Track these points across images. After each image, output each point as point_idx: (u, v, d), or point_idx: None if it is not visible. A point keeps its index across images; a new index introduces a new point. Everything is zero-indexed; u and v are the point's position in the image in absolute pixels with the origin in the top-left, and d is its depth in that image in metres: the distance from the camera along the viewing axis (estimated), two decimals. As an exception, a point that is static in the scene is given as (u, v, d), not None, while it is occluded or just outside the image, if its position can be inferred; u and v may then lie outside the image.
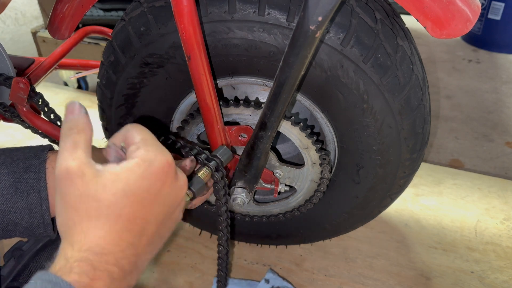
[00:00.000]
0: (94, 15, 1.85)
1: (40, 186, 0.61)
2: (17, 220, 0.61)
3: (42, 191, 0.62)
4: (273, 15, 0.68)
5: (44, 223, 0.63)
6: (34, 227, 0.63)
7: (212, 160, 0.67)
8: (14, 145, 1.46)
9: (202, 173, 0.65)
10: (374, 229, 1.15)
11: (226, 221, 0.76)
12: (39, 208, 0.62)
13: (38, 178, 0.61)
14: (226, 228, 0.77)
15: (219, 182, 0.68)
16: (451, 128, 1.83)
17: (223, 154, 0.69)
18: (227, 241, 0.79)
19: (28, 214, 0.62)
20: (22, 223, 0.62)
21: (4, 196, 0.60)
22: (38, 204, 0.62)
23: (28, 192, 0.61)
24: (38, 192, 0.61)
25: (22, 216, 0.62)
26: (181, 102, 0.83)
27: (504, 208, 1.22)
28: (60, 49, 1.16)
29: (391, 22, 0.71)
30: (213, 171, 0.67)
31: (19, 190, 0.61)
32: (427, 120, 0.79)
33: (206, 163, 0.67)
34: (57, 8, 0.81)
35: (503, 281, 1.01)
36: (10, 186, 0.60)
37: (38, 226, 0.63)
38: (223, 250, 0.80)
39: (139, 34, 0.74)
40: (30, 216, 0.62)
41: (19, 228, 0.62)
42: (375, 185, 0.85)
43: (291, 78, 0.63)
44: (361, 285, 1.00)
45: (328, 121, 0.79)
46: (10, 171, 0.61)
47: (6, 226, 0.62)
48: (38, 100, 0.91)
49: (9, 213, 0.61)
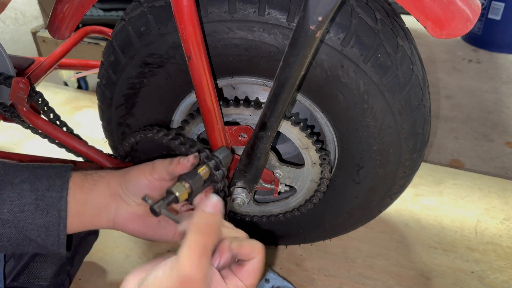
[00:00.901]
0: (94, 15, 1.85)
1: (61, 205, 0.62)
2: (33, 237, 0.62)
3: (62, 210, 0.62)
4: (273, 15, 0.68)
5: (59, 242, 0.64)
6: (48, 244, 0.64)
7: (212, 159, 0.67)
8: (14, 145, 1.47)
9: (201, 170, 0.65)
10: (374, 229, 1.15)
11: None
12: (56, 227, 0.63)
13: (60, 197, 0.62)
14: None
15: (220, 182, 0.68)
16: (451, 128, 1.83)
17: (221, 153, 0.70)
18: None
19: (45, 232, 0.62)
20: (37, 240, 0.63)
21: (24, 212, 0.61)
22: (56, 223, 0.62)
23: (48, 210, 0.62)
24: (58, 211, 0.62)
25: (39, 234, 0.62)
26: (181, 102, 0.83)
27: (504, 208, 1.22)
28: (60, 49, 1.16)
29: (391, 22, 0.71)
30: (212, 169, 0.67)
31: (39, 207, 0.62)
32: (427, 120, 0.79)
33: (205, 161, 0.67)
34: (57, 8, 0.81)
35: (503, 281, 1.01)
36: (31, 203, 0.61)
37: (52, 244, 0.64)
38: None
39: (139, 34, 0.74)
40: (46, 234, 0.63)
41: (33, 244, 0.63)
42: (375, 185, 0.85)
43: (291, 78, 0.63)
44: (361, 285, 1.00)
45: (328, 121, 0.79)
46: (33, 188, 0.62)
47: (22, 241, 0.62)
48: (38, 99, 0.91)
49: (26, 230, 0.62)
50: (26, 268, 0.92)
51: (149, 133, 0.79)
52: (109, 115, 0.88)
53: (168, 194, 0.61)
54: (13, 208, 0.60)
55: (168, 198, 0.61)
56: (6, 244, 0.61)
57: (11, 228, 0.60)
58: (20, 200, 0.61)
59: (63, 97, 1.78)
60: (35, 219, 0.61)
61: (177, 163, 0.65)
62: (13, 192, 0.61)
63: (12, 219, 0.60)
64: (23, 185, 0.62)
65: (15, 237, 0.61)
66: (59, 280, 0.93)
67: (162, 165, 0.66)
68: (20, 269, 0.92)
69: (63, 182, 0.63)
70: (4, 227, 0.60)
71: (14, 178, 0.62)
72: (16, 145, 1.48)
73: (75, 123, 1.59)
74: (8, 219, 0.60)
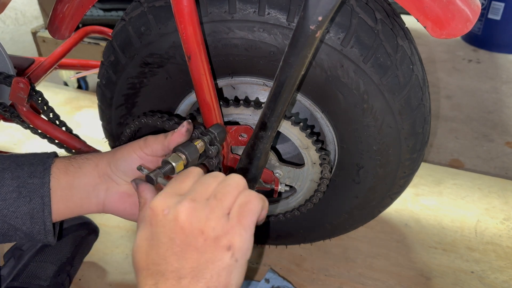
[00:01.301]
0: (94, 15, 1.85)
1: (44, 191, 0.61)
2: (18, 225, 0.61)
3: (45, 196, 0.61)
4: (273, 15, 0.68)
5: (45, 229, 0.62)
6: (35, 233, 0.62)
7: (206, 134, 0.68)
8: (14, 145, 1.47)
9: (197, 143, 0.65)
10: (374, 229, 1.15)
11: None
12: (41, 214, 0.61)
13: (42, 183, 0.61)
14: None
15: (214, 158, 0.68)
16: (451, 128, 1.83)
17: (216, 129, 0.70)
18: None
19: (30, 220, 0.61)
20: (23, 228, 0.61)
21: (6, 201, 0.60)
22: (41, 210, 0.61)
23: (31, 197, 0.60)
24: (41, 197, 0.61)
25: (24, 222, 0.61)
26: (181, 102, 0.83)
27: (504, 208, 1.22)
28: (60, 49, 1.16)
29: (391, 22, 0.71)
30: (207, 143, 0.66)
31: (22, 195, 0.60)
32: (427, 120, 0.79)
33: (200, 136, 0.67)
34: (57, 8, 0.81)
35: (503, 281, 1.01)
36: (13, 191, 0.60)
37: (38, 232, 0.62)
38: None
39: (139, 34, 0.74)
40: (31, 222, 0.61)
41: (19, 234, 0.62)
42: (375, 185, 0.85)
43: (291, 78, 0.63)
44: (361, 285, 1.00)
45: (328, 121, 0.79)
46: (15, 176, 0.61)
47: (7, 231, 0.61)
48: (38, 99, 0.91)
49: (10, 218, 0.60)
50: (26, 268, 0.92)
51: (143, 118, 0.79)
52: (109, 115, 0.88)
53: (164, 164, 0.60)
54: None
55: (164, 167, 0.60)
56: None
57: None
58: (1, 188, 0.59)
59: (63, 97, 1.78)
60: (18, 207, 0.60)
61: (172, 133, 0.64)
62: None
63: None
64: (4, 174, 0.60)
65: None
66: (59, 280, 0.93)
67: (156, 140, 0.65)
68: (20, 269, 0.92)
69: (45, 168, 0.62)
70: None
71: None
72: (16, 145, 1.48)
73: (75, 123, 1.59)
74: None
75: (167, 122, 0.76)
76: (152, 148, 0.65)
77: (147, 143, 0.65)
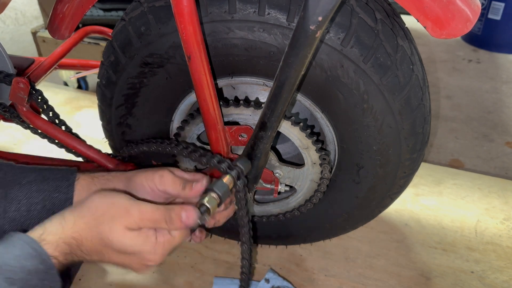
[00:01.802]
0: (94, 15, 1.85)
1: (66, 206, 0.64)
2: None
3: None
4: (273, 15, 0.68)
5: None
6: None
7: (234, 168, 0.69)
8: (14, 145, 1.47)
9: (226, 180, 0.67)
10: (374, 229, 1.14)
11: (249, 232, 0.76)
12: None
13: (66, 199, 0.65)
14: (249, 240, 0.77)
15: (241, 191, 0.69)
16: (451, 128, 1.83)
17: (243, 163, 0.71)
18: (250, 254, 0.79)
19: None
20: None
21: (31, 212, 0.63)
22: None
23: (54, 211, 0.63)
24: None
25: None
26: (181, 102, 0.83)
27: (504, 208, 1.22)
28: (60, 49, 1.16)
29: (391, 22, 0.71)
30: (236, 179, 0.68)
31: (46, 207, 0.63)
32: (427, 120, 0.79)
33: (228, 171, 0.68)
34: (57, 8, 0.81)
35: (503, 281, 1.01)
36: (38, 203, 0.63)
37: None
38: (246, 264, 0.79)
39: (139, 34, 0.74)
40: None
41: None
42: (375, 185, 0.85)
43: (291, 78, 0.63)
44: (361, 285, 1.00)
45: (328, 121, 0.79)
46: (40, 189, 0.64)
47: None
48: (38, 97, 0.91)
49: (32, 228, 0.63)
50: (26, 268, 0.92)
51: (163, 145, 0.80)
52: (109, 115, 0.88)
53: (201, 207, 0.65)
54: (20, 207, 0.62)
55: (202, 209, 0.65)
56: None
57: (17, 227, 0.62)
58: (28, 200, 0.62)
59: (63, 97, 1.78)
60: (41, 219, 0.62)
61: (190, 189, 0.67)
62: (21, 192, 0.62)
63: (18, 217, 0.62)
64: (31, 186, 0.63)
65: None
66: (59, 280, 0.93)
67: (173, 186, 0.68)
68: (20, 269, 0.92)
69: (69, 184, 0.65)
70: (11, 225, 0.61)
71: (21, 179, 0.64)
72: (16, 145, 1.48)
73: (75, 123, 1.59)
74: (15, 218, 0.62)
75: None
76: (166, 189, 0.68)
77: (163, 183, 0.68)
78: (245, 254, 0.78)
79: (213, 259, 1.06)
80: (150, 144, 0.82)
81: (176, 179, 0.68)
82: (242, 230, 0.74)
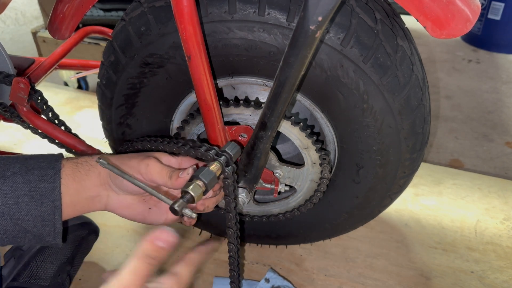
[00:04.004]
0: (94, 15, 1.85)
1: (55, 195, 0.63)
2: (29, 227, 0.63)
3: (56, 200, 0.63)
4: (273, 15, 0.68)
5: (55, 231, 0.64)
6: (44, 235, 0.64)
7: (222, 155, 0.68)
8: (14, 145, 1.47)
9: (213, 166, 0.66)
10: (374, 229, 1.15)
11: (236, 217, 0.75)
12: (52, 217, 0.63)
13: (53, 187, 0.63)
14: (236, 225, 0.76)
15: (230, 177, 0.68)
16: (451, 128, 1.83)
17: (232, 149, 0.70)
18: (237, 238, 0.78)
19: (41, 222, 0.63)
20: (33, 231, 0.63)
21: (19, 204, 0.62)
22: (52, 213, 0.63)
23: (42, 201, 0.63)
24: (52, 201, 0.63)
25: (35, 224, 0.63)
26: (181, 102, 0.83)
27: (504, 208, 1.22)
28: (60, 49, 1.16)
29: (391, 22, 0.71)
30: (224, 165, 0.67)
31: (34, 198, 0.62)
32: (427, 120, 0.79)
33: (216, 158, 0.67)
34: (57, 8, 0.81)
35: (503, 281, 1.01)
36: (25, 195, 0.62)
37: (48, 234, 0.64)
38: (234, 248, 0.78)
39: (139, 34, 0.74)
40: (42, 225, 0.63)
41: (29, 236, 0.64)
42: (375, 185, 0.85)
43: (291, 78, 0.63)
44: (361, 285, 1.00)
45: (328, 121, 0.79)
46: (26, 180, 0.63)
47: (17, 233, 0.63)
48: (38, 98, 0.92)
49: (22, 221, 0.62)
50: (26, 268, 0.92)
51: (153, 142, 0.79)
52: (109, 115, 0.88)
53: (184, 194, 0.63)
54: (7, 201, 0.61)
55: (185, 197, 0.63)
56: (2, 236, 0.62)
57: (6, 221, 0.61)
58: (14, 192, 0.61)
59: (63, 97, 1.78)
60: (30, 210, 0.62)
61: (176, 177, 0.66)
62: (6, 185, 0.61)
63: (7, 211, 0.61)
64: (16, 178, 0.62)
65: (11, 229, 0.62)
66: (59, 280, 0.93)
67: (159, 175, 0.67)
68: (20, 269, 0.92)
69: (55, 172, 0.64)
70: (0, 219, 0.61)
71: (5, 171, 0.62)
72: (16, 145, 1.48)
73: (75, 123, 1.59)
74: (3, 212, 0.61)
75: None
76: (152, 178, 0.67)
77: (149, 173, 0.67)
78: (231, 239, 0.77)
79: (213, 259, 1.06)
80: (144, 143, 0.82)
81: (163, 168, 0.67)
82: (229, 216, 0.74)
